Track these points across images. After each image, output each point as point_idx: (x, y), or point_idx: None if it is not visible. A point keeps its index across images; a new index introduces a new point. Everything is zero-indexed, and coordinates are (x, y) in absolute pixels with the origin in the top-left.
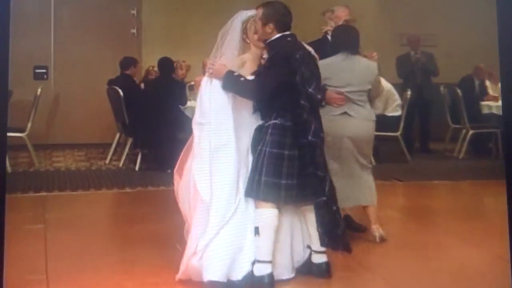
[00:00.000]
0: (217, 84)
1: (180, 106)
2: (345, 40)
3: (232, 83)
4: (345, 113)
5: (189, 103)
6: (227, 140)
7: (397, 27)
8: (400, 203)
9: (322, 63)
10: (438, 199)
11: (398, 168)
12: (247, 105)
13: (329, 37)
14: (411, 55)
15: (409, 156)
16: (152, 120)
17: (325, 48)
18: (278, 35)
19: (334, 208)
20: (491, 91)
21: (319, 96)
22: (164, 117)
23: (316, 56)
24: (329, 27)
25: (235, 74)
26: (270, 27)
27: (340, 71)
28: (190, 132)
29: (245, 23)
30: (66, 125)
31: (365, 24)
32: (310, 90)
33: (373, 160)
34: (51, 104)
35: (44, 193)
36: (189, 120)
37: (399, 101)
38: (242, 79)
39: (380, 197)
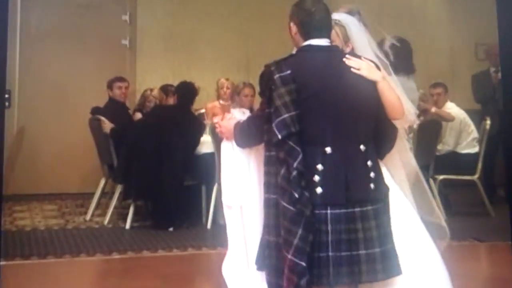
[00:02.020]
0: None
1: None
2: (409, 58)
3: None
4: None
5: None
6: None
7: (472, 36)
8: (482, 272)
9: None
10: None
11: (477, 223)
12: None
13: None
14: (491, 73)
15: (491, 207)
16: (151, 162)
17: None
18: (305, 43)
19: None
20: None
21: (278, 135)
22: (169, 158)
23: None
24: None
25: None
26: (293, 30)
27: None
28: (199, 177)
29: None
30: (33, 168)
31: (430, 33)
32: (273, 124)
33: (443, 213)
34: (14, 141)
35: (2, 262)
36: (198, 161)
37: (475, 134)
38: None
39: (455, 263)
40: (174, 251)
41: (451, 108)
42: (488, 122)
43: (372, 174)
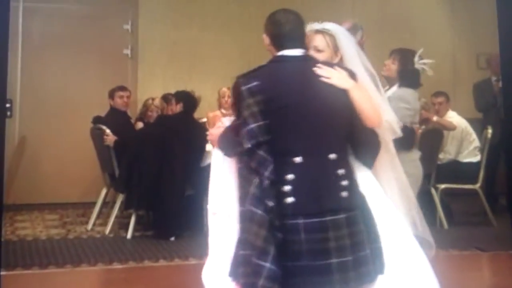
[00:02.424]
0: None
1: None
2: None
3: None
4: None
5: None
6: None
7: (474, 45)
8: (484, 282)
9: (412, 94)
10: None
11: (479, 233)
12: None
13: None
14: (493, 82)
15: (493, 216)
16: (153, 171)
17: None
18: (277, 54)
19: None
20: None
21: (247, 143)
22: (171, 167)
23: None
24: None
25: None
26: (266, 41)
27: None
28: (201, 187)
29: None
30: (34, 178)
31: (431, 43)
32: (241, 133)
33: (445, 223)
34: (15, 150)
35: (3, 272)
36: (201, 171)
37: (477, 143)
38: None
39: (457, 273)
40: (175, 261)
41: (453, 117)
42: (490, 131)
43: (344, 183)
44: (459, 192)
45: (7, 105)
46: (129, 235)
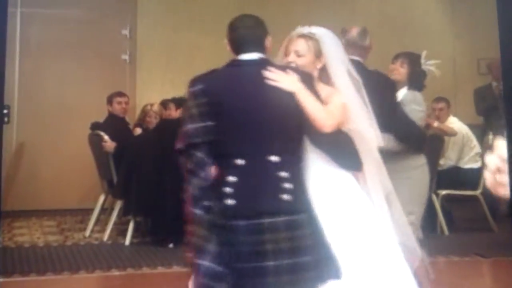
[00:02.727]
0: None
1: None
2: None
3: None
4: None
5: None
6: None
7: (474, 50)
8: None
9: (421, 96)
10: None
11: (480, 239)
12: None
13: None
14: (494, 87)
15: (494, 222)
16: (151, 177)
17: None
18: (234, 58)
19: None
20: None
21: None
22: (169, 173)
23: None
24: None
25: None
26: (227, 46)
27: None
28: None
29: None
30: (32, 184)
31: (432, 48)
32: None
33: (445, 229)
34: (13, 157)
35: (0, 279)
36: None
37: (478, 149)
38: None
39: (458, 279)
40: (174, 268)
41: (454, 123)
42: (491, 137)
43: (287, 185)
44: (460, 198)
45: (5, 111)
46: (127, 242)
